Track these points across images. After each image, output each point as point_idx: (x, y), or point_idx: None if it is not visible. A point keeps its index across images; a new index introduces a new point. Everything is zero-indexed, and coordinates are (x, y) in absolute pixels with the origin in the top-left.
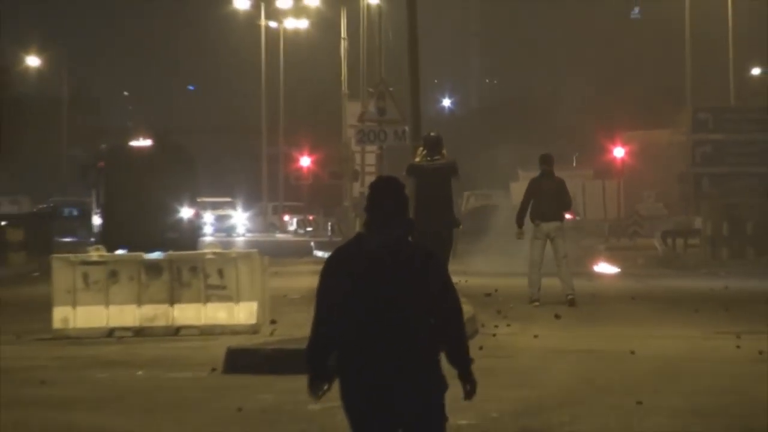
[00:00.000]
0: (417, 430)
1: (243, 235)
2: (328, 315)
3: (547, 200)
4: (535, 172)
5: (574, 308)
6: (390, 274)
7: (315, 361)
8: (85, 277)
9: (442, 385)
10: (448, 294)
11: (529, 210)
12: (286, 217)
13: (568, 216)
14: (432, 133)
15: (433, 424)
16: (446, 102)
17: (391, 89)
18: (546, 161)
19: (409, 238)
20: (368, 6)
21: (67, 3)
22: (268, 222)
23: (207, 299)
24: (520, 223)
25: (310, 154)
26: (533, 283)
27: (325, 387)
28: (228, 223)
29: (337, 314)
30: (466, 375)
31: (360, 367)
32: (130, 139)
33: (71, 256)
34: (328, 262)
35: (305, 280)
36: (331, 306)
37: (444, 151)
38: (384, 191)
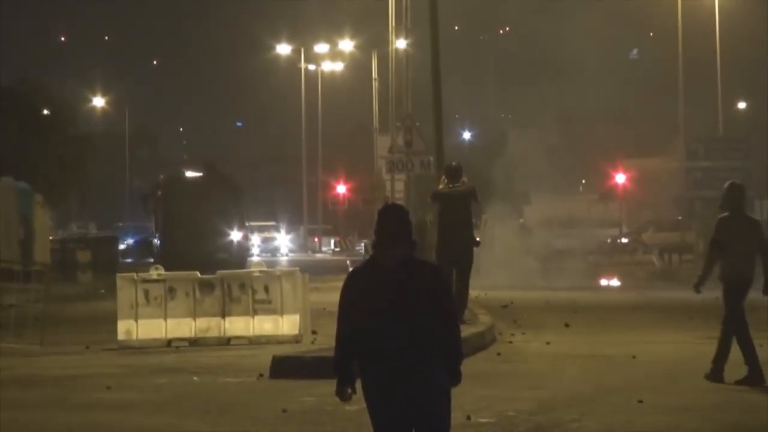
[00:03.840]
0: (426, 419)
1: (286, 255)
2: (348, 326)
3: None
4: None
5: (582, 317)
6: (400, 287)
7: (340, 368)
8: (146, 293)
9: (447, 382)
10: (450, 303)
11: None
12: (316, 239)
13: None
14: (453, 163)
15: (441, 413)
16: (466, 134)
17: (417, 124)
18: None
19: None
20: (396, 50)
21: (126, 48)
22: (300, 243)
23: (255, 312)
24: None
25: (345, 182)
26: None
27: (350, 391)
28: (273, 245)
29: (357, 324)
30: (455, 369)
31: (378, 369)
32: (185, 170)
33: (134, 275)
34: (347, 280)
35: None
36: (351, 318)
37: (464, 179)
38: (390, 216)
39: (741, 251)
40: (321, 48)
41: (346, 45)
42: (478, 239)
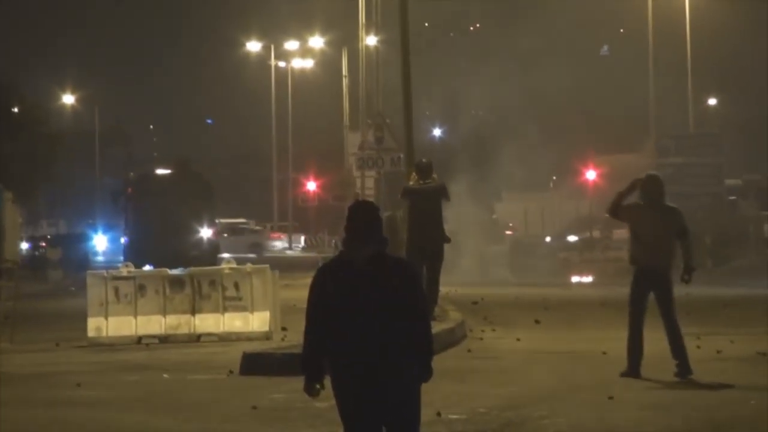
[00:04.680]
0: (398, 415)
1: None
2: (317, 323)
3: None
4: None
5: (552, 314)
6: (370, 283)
7: (308, 365)
8: (116, 291)
9: (418, 377)
10: (421, 299)
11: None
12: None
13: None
14: (424, 160)
15: (412, 409)
16: (437, 131)
17: (387, 121)
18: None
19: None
20: (366, 47)
21: (95, 45)
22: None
23: (225, 309)
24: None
25: (315, 179)
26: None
27: (318, 387)
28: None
29: (326, 321)
30: (426, 365)
31: (348, 365)
32: (155, 168)
33: (104, 272)
34: (316, 276)
35: None
36: (320, 314)
37: (434, 175)
38: (361, 212)
39: (658, 241)
40: (291, 45)
41: (317, 42)
42: (447, 236)
